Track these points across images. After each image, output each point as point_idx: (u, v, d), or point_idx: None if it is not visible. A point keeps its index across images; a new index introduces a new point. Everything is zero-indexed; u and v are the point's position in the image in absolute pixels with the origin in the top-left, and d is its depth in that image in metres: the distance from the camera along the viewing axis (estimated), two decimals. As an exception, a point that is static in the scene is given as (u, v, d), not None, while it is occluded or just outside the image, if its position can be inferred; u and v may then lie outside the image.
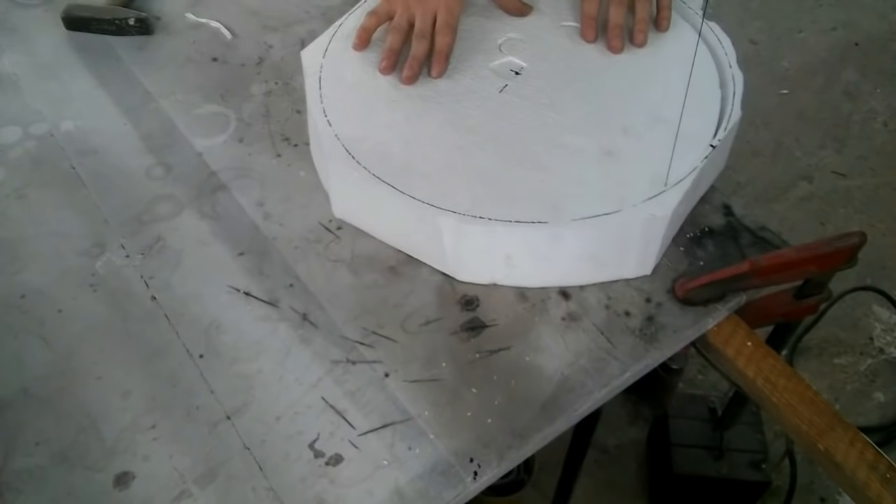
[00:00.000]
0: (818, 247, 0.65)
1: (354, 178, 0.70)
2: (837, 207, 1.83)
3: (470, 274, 0.70)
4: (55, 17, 0.94)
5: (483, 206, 0.67)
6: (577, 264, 0.69)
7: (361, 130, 0.73)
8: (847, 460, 0.62)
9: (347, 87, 0.78)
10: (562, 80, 0.79)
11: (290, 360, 0.65)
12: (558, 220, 0.67)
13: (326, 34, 0.83)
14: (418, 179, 0.69)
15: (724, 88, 0.78)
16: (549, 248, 0.68)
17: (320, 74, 0.78)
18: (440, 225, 0.67)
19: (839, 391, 1.54)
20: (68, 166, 0.80)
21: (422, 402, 0.63)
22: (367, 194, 0.70)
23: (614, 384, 0.64)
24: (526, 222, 0.66)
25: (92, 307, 0.69)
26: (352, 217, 0.75)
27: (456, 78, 0.79)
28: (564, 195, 0.69)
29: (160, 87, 0.88)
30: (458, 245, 0.68)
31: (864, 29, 2.25)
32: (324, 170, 0.77)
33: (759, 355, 0.68)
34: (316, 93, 0.77)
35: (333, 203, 0.75)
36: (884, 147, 1.97)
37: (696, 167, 0.69)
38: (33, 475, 0.59)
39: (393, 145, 0.73)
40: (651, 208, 0.67)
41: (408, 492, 0.58)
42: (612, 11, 0.82)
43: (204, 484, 0.59)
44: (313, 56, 0.80)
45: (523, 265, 0.69)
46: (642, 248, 0.69)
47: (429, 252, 0.71)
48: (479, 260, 0.69)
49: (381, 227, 0.73)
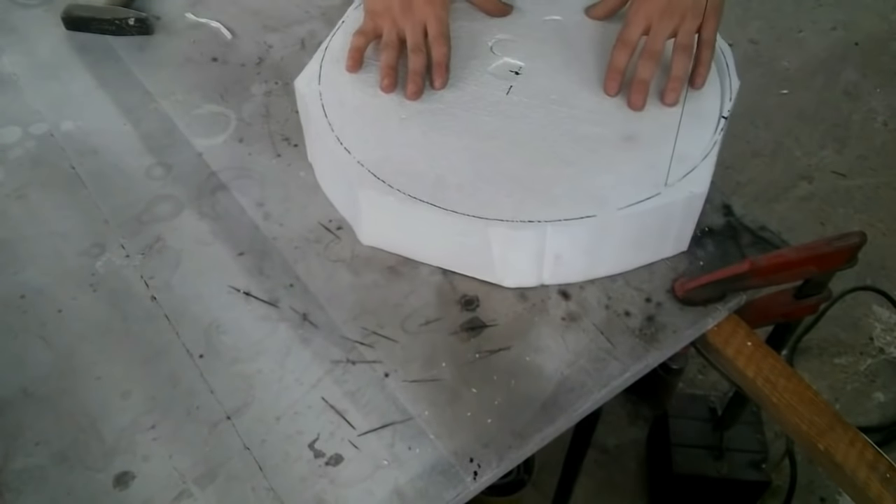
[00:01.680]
0: (818, 247, 0.65)
1: (389, 202, 0.68)
2: (837, 207, 1.83)
3: (517, 279, 0.70)
4: (55, 17, 0.94)
5: (527, 210, 0.67)
6: (622, 252, 0.70)
7: (381, 152, 0.71)
8: (847, 460, 0.62)
9: (352, 110, 0.75)
10: (563, 74, 0.79)
11: (290, 360, 0.65)
12: (605, 212, 0.67)
13: (315, 60, 0.79)
14: (454, 193, 0.68)
15: (717, 62, 0.79)
16: (598, 241, 0.68)
17: (321, 101, 0.75)
18: (489, 235, 0.66)
19: (839, 391, 1.54)
20: (68, 166, 0.80)
21: (422, 402, 0.63)
22: (404, 216, 0.69)
23: (614, 384, 0.64)
24: (575, 219, 0.66)
25: (92, 307, 0.69)
26: (384, 242, 0.72)
27: (460, 86, 0.78)
28: (600, 186, 0.69)
29: (160, 87, 0.88)
30: (507, 252, 0.67)
31: (864, 29, 2.25)
32: (343, 198, 0.74)
33: (759, 355, 0.68)
34: (323, 121, 0.74)
35: (362, 232, 0.73)
36: (884, 147, 1.97)
37: (716, 140, 0.71)
38: (33, 475, 0.59)
39: (418, 163, 0.71)
40: (688, 186, 0.68)
41: (408, 492, 0.58)
42: (641, 66, 0.74)
43: (204, 484, 0.59)
44: (308, 83, 0.77)
45: (572, 262, 0.69)
46: (681, 226, 0.71)
47: (473, 264, 0.70)
48: (529, 264, 0.69)
49: (418, 246, 0.71)
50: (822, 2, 2.33)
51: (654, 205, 0.67)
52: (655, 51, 0.75)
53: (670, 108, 0.74)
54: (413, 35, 0.77)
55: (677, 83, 0.74)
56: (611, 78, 0.76)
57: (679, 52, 0.75)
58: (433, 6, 0.77)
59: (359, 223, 0.73)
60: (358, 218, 0.72)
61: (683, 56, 0.74)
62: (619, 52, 0.76)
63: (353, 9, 0.85)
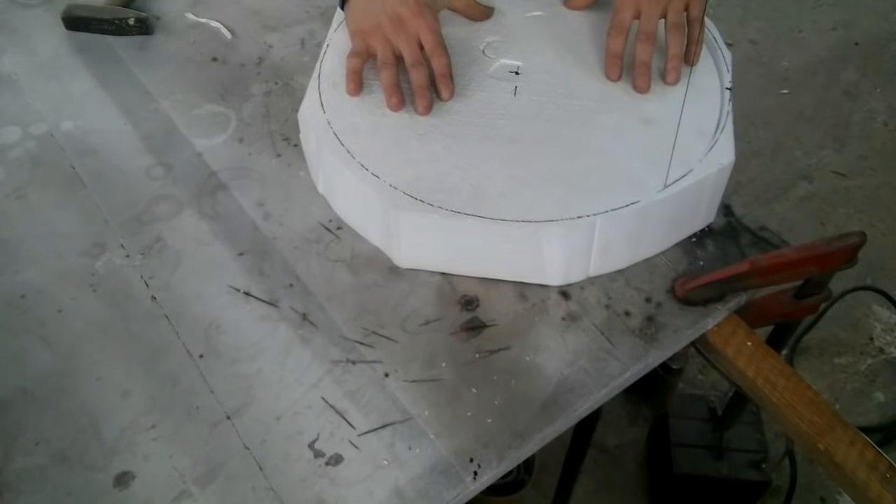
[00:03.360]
0: (818, 247, 0.65)
1: (434, 220, 0.67)
2: (837, 207, 1.83)
3: (568, 276, 0.70)
4: (55, 17, 0.94)
5: (574, 206, 0.67)
6: (661, 233, 0.71)
7: (410, 172, 0.70)
8: (847, 460, 0.62)
9: (367, 134, 0.73)
10: (561, 68, 0.80)
11: (291, 360, 0.65)
12: (647, 196, 0.67)
13: (311, 88, 0.77)
14: (497, 201, 0.68)
15: (705, 39, 0.81)
16: (641, 226, 0.69)
17: (333, 130, 0.73)
18: (540, 238, 0.66)
19: (839, 391, 1.54)
20: (68, 166, 0.80)
21: (422, 402, 0.63)
22: (448, 233, 0.68)
23: (614, 384, 0.64)
24: (622, 208, 0.67)
25: (92, 307, 0.69)
26: (425, 262, 0.71)
27: (466, 94, 0.77)
28: (633, 171, 0.69)
29: (160, 87, 0.88)
30: (557, 251, 0.67)
31: (864, 29, 2.25)
32: (375, 224, 0.71)
33: (759, 355, 0.68)
34: (341, 150, 0.71)
35: (402, 256, 0.71)
36: (884, 147, 1.97)
37: (728, 110, 0.73)
38: (33, 475, 0.59)
39: (450, 176, 0.70)
40: (716, 159, 0.70)
41: (408, 492, 0.58)
42: (640, 48, 0.76)
43: (204, 484, 0.59)
44: (313, 113, 0.75)
45: (618, 250, 0.70)
46: (711, 197, 0.73)
47: (520, 268, 0.69)
48: (578, 259, 0.69)
49: (462, 260, 0.70)
50: (822, 2, 2.33)
51: (690, 182, 0.69)
52: (650, 32, 0.76)
53: (672, 86, 0.76)
54: (409, 50, 0.76)
55: (676, 61, 0.76)
56: (611, 63, 0.78)
57: (672, 31, 0.77)
58: (424, 18, 0.76)
59: (397, 247, 0.70)
60: (395, 242, 0.70)
61: (677, 34, 0.76)
62: (615, 37, 0.77)
63: (333, 31, 0.83)
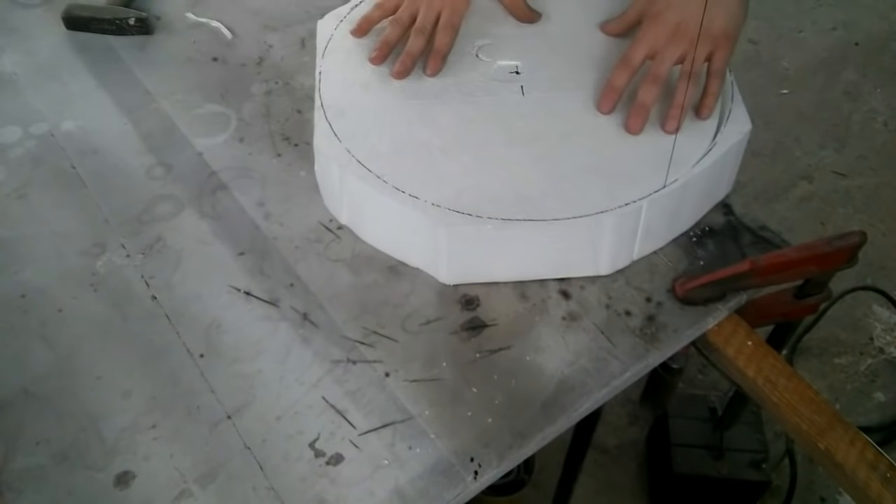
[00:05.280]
0: (818, 246, 0.66)
1: (486, 231, 0.66)
2: (837, 207, 1.83)
3: (615, 263, 0.70)
4: (55, 17, 0.94)
5: (619, 194, 0.67)
6: (695, 207, 0.73)
7: (449, 187, 0.69)
8: (847, 460, 0.62)
9: (390, 156, 0.71)
10: (559, 62, 0.80)
11: (291, 359, 0.65)
12: (684, 174, 0.68)
13: (319, 118, 0.75)
14: (543, 201, 0.67)
15: None
16: (680, 203, 0.70)
17: (356, 158, 0.71)
18: (595, 230, 0.66)
19: (839, 391, 1.54)
20: (69, 166, 0.80)
21: (422, 401, 0.63)
22: (502, 242, 0.67)
23: (615, 384, 0.64)
24: (665, 188, 0.67)
25: (92, 307, 0.69)
26: (471, 275, 0.70)
27: (475, 100, 0.76)
28: (662, 152, 0.69)
29: (160, 87, 0.88)
30: (609, 240, 0.68)
31: (864, 29, 2.25)
32: (416, 246, 0.70)
33: (760, 355, 0.68)
34: (370, 177, 0.69)
35: (450, 272, 0.69)
36: (884, 147, 1.97)
37: (731, 79, 0.76)
38: (34, 475, 0.59)
39: (489, 186, 0.69)
40: (736, 128, 0.72)
41: (408, 491, 0.58)
42: (644, 90, 0.71)
43: (204, 483, 0.59)
44: (330, 144, 0.73)
45: (659, 230, 0.71)
46: (732, 167, 0.75)
47: (571, 264, 0.70)
48: (627, 244, 0.70)
49: (511, 267, 0.70)
50: (822, 2, 2.33)
51: (718, 153, 0.70)
52: (659, 75, 0.72)
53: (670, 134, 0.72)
54: (423, 17, 0.76)
55: (678, 111, 0.71)
56: (606, 96, 0.74)
57: (684, 79, 0.71)
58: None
59: (441, 264, 0.69)
60: (440, 259, 0.69)
61: (690, 85, 0.71)
62: (620, 71, 0.73)
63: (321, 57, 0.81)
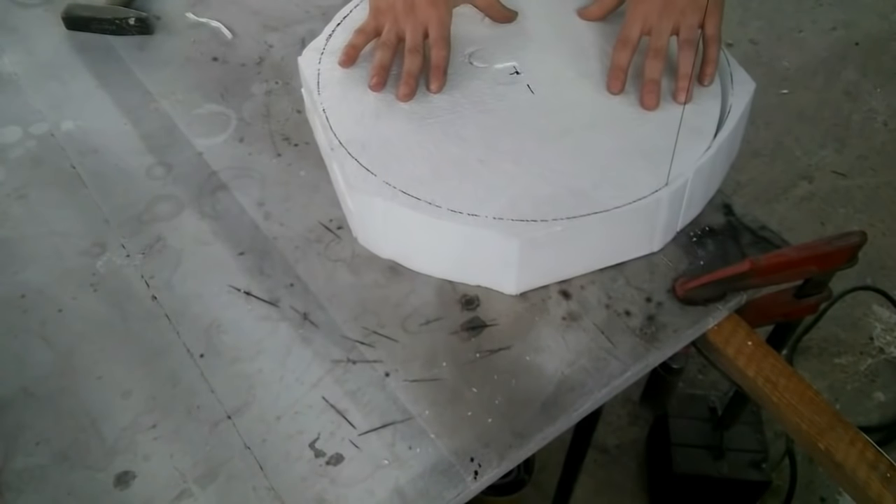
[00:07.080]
0: (818, 246, 0.66)
1: (557, 233, 0.65)
2: (837, 207, 1.83)
3: (665, 239, 0.72)
4: (55, 17, 0.94)
5: (663, 170, 0.68)
6: (707, 188, 0.75)
7: (503, 199, 0.67)
8: (847, 460, 0.62)
9: (432, 183, 0.69)
10: (556, 56, 0.80)
11: (291, 359, 0.65)
12: (705, 156, 0.70)
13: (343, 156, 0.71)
14: (598, 192, 0.68)
15: None
16: (712, 168, 0.72)
17: (394, 185, 0.68)
18: (659, 206, 0.67)
19: (839, 391, 1.54)
20: (69, 166, 0.80)
21: (422, 401, 0.63)
22: (569, 241, 0.67)
23: (615, 384, 0.64)
24: (702, 156, 0.70)
25: (92, 307, 0.69)
26: (540, 279, 0.70)
27: (490, 108, 0.75)
28: (684, 134, 0.70)
29: (160, 87, 0.88)
30: (663, 218, 0.69)
31: (864, 29, 2.25)
32: (469, 262, 0.69)
33: (760, 355, 0.68)
34: (424, 205, 0.67)
35: (520, 282, 0.68)
36: (884, 147, 1.97)
37: (729, 61, 0.78)
38: (34, 475, 0.59)
39: (539, 188, 0.69)
40: (744, 89, 0.76)
41: (408, 491, 0.58)
42: (649, 65, 0.74)
43: (204, 483, 0.59)
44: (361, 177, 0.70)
45: (696, 199, 0.73)
46: (743, 131, 0.77)
47: (628, 249, 0.71)
48: (674, 218, 0.71)
49: (577, 262, 0.70)
50: (822, 2, 2.33)
51: (727, 132, 0.72)
52: (661, 48, 0.75)
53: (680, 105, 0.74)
54: (412, 36, 0.76)
55: (686, 81, 0.74)
56: (613, 76, 0.76)
57: (685, 49, 0.74)
58: (436, 8, 0.76)
59: (510, 275, 0.68)
60: (509, 271, 0.68)
61: (689, 52, 0.74)
62: (621, 51, 0.76)
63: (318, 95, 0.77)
